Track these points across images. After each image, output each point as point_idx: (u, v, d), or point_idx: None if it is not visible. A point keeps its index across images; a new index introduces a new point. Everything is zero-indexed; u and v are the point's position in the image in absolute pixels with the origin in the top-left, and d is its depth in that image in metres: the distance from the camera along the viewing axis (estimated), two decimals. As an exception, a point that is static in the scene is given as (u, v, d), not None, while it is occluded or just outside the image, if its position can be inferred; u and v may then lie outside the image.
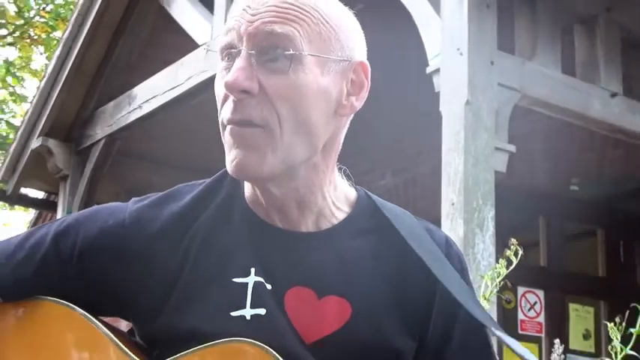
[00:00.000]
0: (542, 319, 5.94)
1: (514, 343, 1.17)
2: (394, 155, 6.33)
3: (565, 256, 6.38)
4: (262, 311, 1.18)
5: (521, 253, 2.49)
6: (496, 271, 2.57)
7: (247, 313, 1.18)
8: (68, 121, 6.42)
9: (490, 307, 3.05)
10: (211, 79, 1.26)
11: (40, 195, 7.44)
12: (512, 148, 3.70)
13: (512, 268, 2.51)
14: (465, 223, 3.50)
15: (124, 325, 1.32)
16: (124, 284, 1.24)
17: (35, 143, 6.48)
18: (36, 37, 12.90)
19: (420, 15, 3.88)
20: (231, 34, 1.19)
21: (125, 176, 6.39)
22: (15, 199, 7.25)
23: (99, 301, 1.26)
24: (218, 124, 1.22)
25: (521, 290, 5.88)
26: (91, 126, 6.34)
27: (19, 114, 12.53)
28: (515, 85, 3.81)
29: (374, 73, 1.27)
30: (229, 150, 1.18)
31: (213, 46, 5.14)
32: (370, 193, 1.32)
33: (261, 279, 1.20)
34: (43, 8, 13.03)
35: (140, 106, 5.79)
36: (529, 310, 5.92)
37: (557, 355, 2.17)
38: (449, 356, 1.25)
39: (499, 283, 2.59)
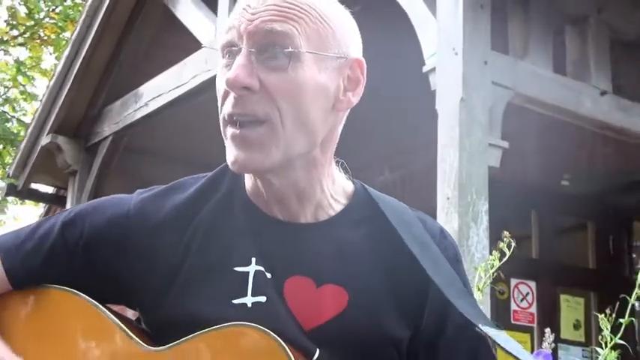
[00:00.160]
0: (534, 310, 5.93)
1: (501, 336, 1.16)
2: (392, 151, 6.33)
3: (556, 249, 6.37)
4: (263, 299, 1.19)
5: (513, 245, 2.49)
6: (489, 263, 2.58)
7: (248, 300, 1.19)
8: (77, 118, 6.41)
9: (484, 298, 3.05)
10: (215, 78, 1.26)
11: (49, 190, 7.42)
12: (506, 145, 3.70)
13: (504, 260, 2.52)
14: (460, 217, 3.50)
15: (130, 313, 1.33)
16: (129, 273, 1.24)
17: (45, 140, 6.48)
18: (46, 37, 12.89)
19: (416, 16, 3.87)
20: (232, 33, 1.19)
21: (131, 171, 6.38)
22: (25, 194, 7.27)
23: (105, 289, 1.27)
24: (219, 121, 1.22)
25: (513, 282, 5.87)
26: (98, 123, 6.34)
27: (29, 112, 12.52)
28: (508, 83, 3.81)
29: (372, 72, 1.27)
30: (231, 149, 1.18)
31: (213, 45, 5.16)
32: (366, 186, 1.32)
33: (261, 268, 1.21)
34: (53, 10, 13.00)
35: (146, 104, 5.78)
36: (521, 300, 5.91)
37: (547, 343, 2.17)
38: (443, 346, 1.25)
39: (492, 274, 2.59)
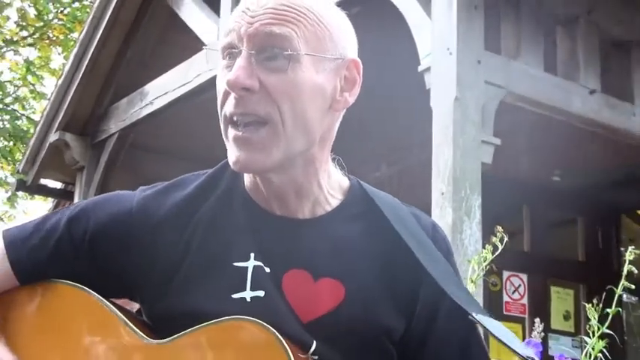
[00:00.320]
0: (525, 301, 5.94)
1: (494, 324, 1.16)
2: (388, 148, 6.32)
3: (547, 243, 6.38)
4: (261, 293, 1.18)
5: (506, 239, 2.49)
6: (482, 256, 2.58)
7: (247, 295, 1.18)
8: (84, 116, 6.40)
9: (476, 290, 3.05)
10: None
11: (57, 185, 7.41)
12: (498, 142, 3.69)
13: (497, 253, 2.52)
14: (454, 211, 3.49)
15: (135, 307, 1.32)
16: (132, 268, 1.24)
17: (53, 137, 6.46)
18: (54, 38, 12.84)
19: (412, 17, 3.86)
20: (232, 35, 1.19)
21: (137, 168, 6.37)
22: (34, 189, 7.25)
23: (108, 283, 1.26)
24: (217, 120, 1.21)
25: (506, 274, 5.88)
26: (105, 121, 6.33)
27: (38, 110, 12.47)
28: (500, 82, 3.80)
29: (369, 72, 1.27)
30: (233, 150, 1.18)
31: (213, 47, 5.13)
32: (362, 182, 1.32)
33: (260, 263, 1.20)
34: (61, 11, 12.97)
35: (151, 103, 5.77)
36: (513, 292, 5.91)
37: (537, 333, 2.17)
38: (434, 336, 1.24)
39: (485, 267, 2.59)
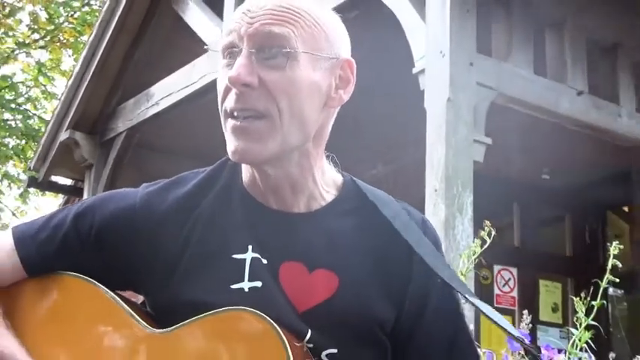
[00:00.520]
0: (515, 294, 5.95)
1: (486, 307, 1.16)
2: (384, 147, 6.32)
3: (536, 238, 6.39)
4: (259, 284, 1.18)
5: (494, 233, 2.49)
6: (472, 250, 2.58)
7: (245, 285, 1.18)
8: (93, 115, 6.40)
9: (467, 283, 3.06)
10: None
11: (67, 182, 7.41)
12: (489, 141, 3.69)
13: (485, 246, 2.52)
14: (447, 208, 3.49)
15: (140, 299, 1.32)
16: (135, 261, 1.24)
17: (63, 136, 6.47)
18: (65, 40, 12.83)
19: (406, 21, 3.86)
20: (232, 35, 1.19)
21: (143, 165, 6.37)
22: (45, 186, 7.26)
23: (113, 276, 1.26)
24: (219, 121, 1.22)
25: (496, 268, 5.89)
26: (113, 120, 6.33)
27: (49, 110, 12.46)
28: (492, 84, 3.80)
29: (366, 73, 1.27)
30: (232, 140, 1.18)
31: (215, 47, 5.13)
32: (355, 178, 1.32)
33: (257, 255, 1.20)
34: (71, 15, 12.98)
35: (157, 103, 5.77)
36: (504, 285, 5.92)
37: (525, 324, 2.18)
38: (422, 329, 1.24)
39: (474, 260, 2.59)
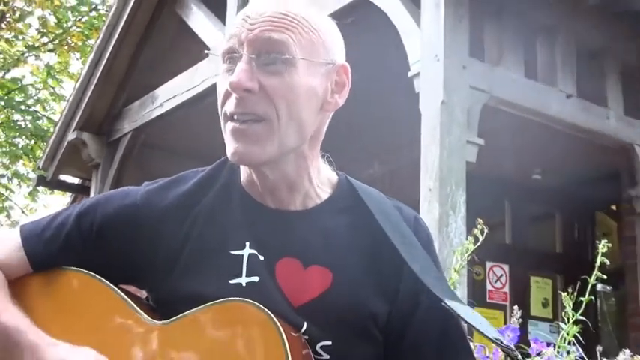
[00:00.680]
0: (507, 290, 5.95)
1: (466, 310, 1.15)
2: (380, 148, 6.32)
3: (527, 236, 6.39)
4: (256, 279, 1.19)
5: (486, 231, 2.49)
6: (465, 247, 2.58)
7: (243, 280, 1.18)
8: (100, 117, 6.39)
9: (461, 279, 3.06)
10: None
11: (75, 181, 7.40)
12: (482, 142, 3.69)
13: (478, 244, 2.52)
14: (440, 206, 3.49)
15: (144, 294, 1.32)
16: (136, 256, 1.24)
17: (71, 136, 6.46)
18: (73, 44, 12.86)
19: (402, 26, 3.86)
20: (233, 41, 1.19)
21: (148, 165, 6.37)
22: (54, 185, 7.26)
23: (115, 271, 1.26)
24: (220, 118, 1.22)
25: (489, 264, 5.89)
26: (119, 121, 6.33)
27: (58, 111, 12.48)
28: (484, 87, 3.80)
29: (363, 76, 1.27)
30: (231, 142, 1.18)
31: (216, 51, 5.13)
32: (349, 177, 1.32)
33: (254, 251, 1.21)
34: (79, 19, 13.00)
35: (161, 105, 5.77)
36: (496, 281, 5.92)
37: (515, 319, 2.18)
38: (413, 326, 1.23)
39: (467, 257, 2.59)
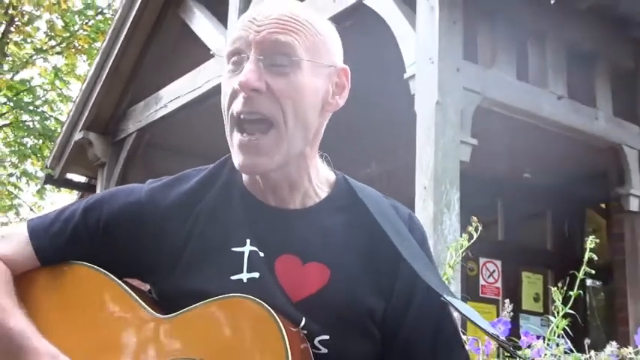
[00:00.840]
0: (499, 285, 5.95)
1: (462, 305, 1.16)
2: (377, 148, 6.32)
3: (519, 233, 6.39)
4: (256, 275, 1.18)
5: (479, 228, 2.50)
6: (459, 244, 2.58)
7: (244, 276, 1.18)
8: (105, 117, 6.39)
9: (455, 274, 3.05)
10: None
11: (82, 179, 7.39)
12: (475, 142, 3.69)
13: (472, 241, 2.52)
14: (435, 204, 3.49)
15: (147, 287, 1.32)
16: (141, 253, 1.24)
17: (78, 136, 6.46)
18: (80, 47, 12.82)
19: (398, 30, 3.86)
20: (239, 42, 1.18)
21: (152, 164, 6.36)
22: (61, 183, 7.25)
23: (121, 266, 1.26)
24: (223, 122, 1.21)
25: (482, 260, 5.89)
26: (124, 122, 6.33)
27: (65, 112, 12.47)
28: (477, 89, 3.80)
29: (361, 79, 1.27)
30: (238, 154, 1.17)
31: (220, 53, 5.16)
32: (346, 176, 1.32)
33: (255, 248, 1.20)
34: (86, 23, 12.98)
35: (165, 106, 5.77)
36: (489, 277, 5.92)
37: (506, 312, 2.18)
38: (411, 314, 1.23)
39: (462, 253, 2.59)
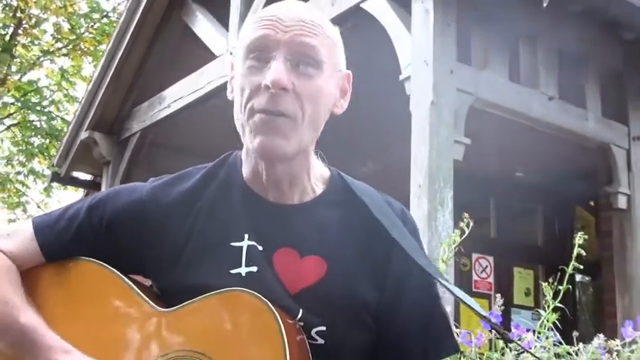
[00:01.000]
0: (491, 280, 5.96)
1: (457, 289, 1.16)
2: (373, 146, 6.32)
3: (511, 229, 6.40)
4: (255, 269, 1.19)
5: (472, 225, 2.50)
6: (452, 239, 2.59)
7: (243, 270, 1.18)
8: (110, 117, 6.38)
9: (448, 269, 3.06)
10: (225, 85, 1.27)
11: (87, 177, 7.39)
12: (468, 141, 3.69)
13: (464, 237, 2.53)
14: (429, 202, 3.49)
15: (149, 282, 1.32)
16: (143, 251, 1.24)
17: (84, 135, 6.45)
18: (85, 49, 12.82)
19: (394, 33, 3.86)
20: (265, 40, 1.18)
21: (156, 162, 6.36)
22: (67, 181, 7.24)
23: (123, 262, 1.26)
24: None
25: (474, 256, 5.89)
26: (128, 121, 6.32)
27: (71, 112, 12.46)
28: (471, 90, 3.80)
29: (359, 80, 1.28)
30: (258, 134, 1.17)
31: (221, 57, 5.15)
32: (340, 172, 1.32)
33: (253, 243, 1.20)
34: (92, 26, 13.00)
35: (168, 106, 5.76)
36: (481, 272, 5.93)
37: (497, 306, 2.19)
38: (403, 302, 1.24)
39: (454, 249, 2.60)
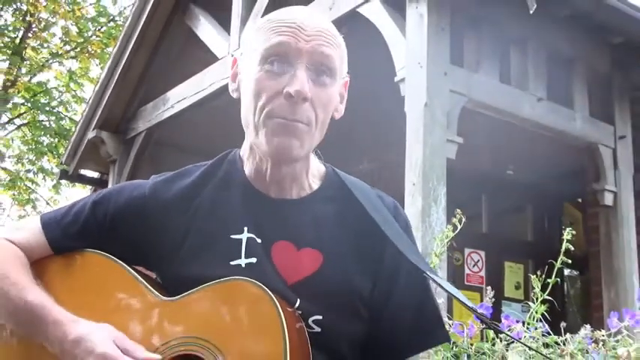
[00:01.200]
0: (483, 274, 5.96)
1: (445, 282, 1.17)
2: (369, 146, 6.33)
3: (502, 225, 6.41)
4: (254, 260, 1.19)
5: (464, 221, 2.51)
6: (445, 234, 2.60)
7: (242, 262, 1.19)
8: (117, 117, 6.38)
9: (441, 263, 3.06)
10: (226, 87, 1.28)
11: (94, 175, 7.39)
12: (461, 141, 3.69)
13: (457, 232, 2.53)
14: (423, 199, 3.49)
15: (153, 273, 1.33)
16: (145, 245, 1.25)
17: (91, 135, 6.45)
18: (93, 52, 12.80)
19: (389, 36, 3.87)
20: (285, 47, 1.17)
21: (160, 161, 6.37)
22: (75, 178, 7.25)
23: (127, 254, 1.27)
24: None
25: (467, 251, 5.90)
26: (134, 121, 6.32)
27: (79, 112, 12.46)
28: (463, 91, 3.80)
29: (355, 82, 1.29)
30: (275, 135, 1.17)
31: (222, 59, 5.15)
32: (335, 168, 1.33)
33: (253, 235, 1.21)
34: (99, 29, 12.99)
35: (172, 106, 5.76)
36: (473, 266, 5.94)
37: (488, 299, 2.19)
38: (395, 293, 1.24)
39: (447, 244, 2.61)
